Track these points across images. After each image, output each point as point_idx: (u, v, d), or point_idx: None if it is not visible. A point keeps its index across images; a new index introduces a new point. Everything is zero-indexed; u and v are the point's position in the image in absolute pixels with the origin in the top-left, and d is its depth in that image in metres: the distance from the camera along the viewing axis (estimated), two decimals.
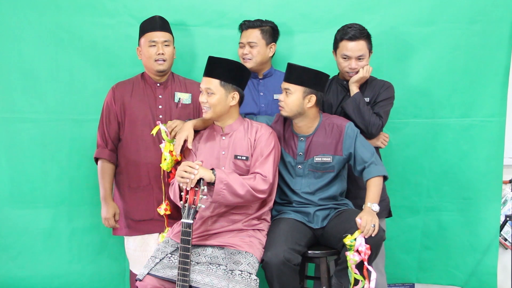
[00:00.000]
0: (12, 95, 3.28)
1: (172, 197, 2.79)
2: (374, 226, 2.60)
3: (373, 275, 2.60)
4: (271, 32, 3.19)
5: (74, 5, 3.24)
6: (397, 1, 3.31)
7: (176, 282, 2.52)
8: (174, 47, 3.10)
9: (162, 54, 3.02)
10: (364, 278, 2.62)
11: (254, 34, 3.14)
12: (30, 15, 3.23)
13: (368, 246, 2.58)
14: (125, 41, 3.20)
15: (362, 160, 2.81)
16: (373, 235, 2.60)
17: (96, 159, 3.12)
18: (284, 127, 2.96)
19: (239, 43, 3.20)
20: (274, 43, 3.21)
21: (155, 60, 3.03)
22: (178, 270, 2.51)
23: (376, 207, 2.70)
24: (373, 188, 2.76)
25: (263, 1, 3.34)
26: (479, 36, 3.30)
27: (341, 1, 3.33)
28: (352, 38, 2.94)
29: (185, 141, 2.81)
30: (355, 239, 2.60)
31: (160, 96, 3.11)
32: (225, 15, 3.32)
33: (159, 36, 3.03)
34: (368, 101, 3.05)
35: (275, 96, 3.21)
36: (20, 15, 3.22)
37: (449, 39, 3.31)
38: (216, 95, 2.72)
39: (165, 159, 2.85)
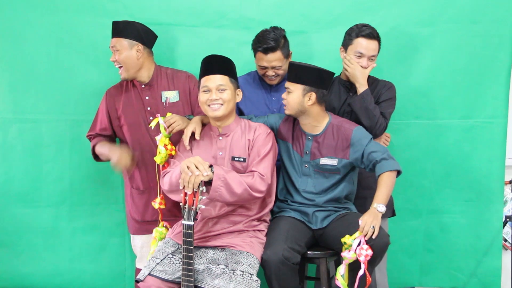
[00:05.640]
0: (12, 96, 3.31)
1: (166, 188, 2.72)
2: (373, 227, 2.58)
3: (360, 272, 2.57)
4: (287, 43, 3.08)
5: (74, 5, 3.26)
6: (398, 2, 3.28)
7: (181, 283, 2.52)
8: (136, 50, 3.00)
9: (114, 61, 3.02)
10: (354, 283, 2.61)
11: (276, 57, 3.03)
12: (30, 15, 3.25)
13: (368, 246, 2.56)
14: None
15: (373, 158, 2.77)
16: (373, 237, 2.58)
17: (93, 149, 3.12)
18: (294, 124, 2.95)
19: (260, 66, 3.07)
20: (291, 51, 3.13)
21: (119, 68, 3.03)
22: (182, 271, 2.52)
23: (382, 208, 2.66)
24: (383, 185, 2.71)
25: (263, 2, 3.31)
26: (480, 37, 3.26)
27: (342, 2, 3.30)
28: (369, 36, 2.91)
29: (193, 133, 2.82)
30: (354, 239, 2.59)
31: (147, 98, 3.09)
32: (225, 16, 3.31)
33: (112, 42, 3.02)
34: None
35: None
36: (20, 15, 3.24)
37: (450, 40, 3.28)
38: (228, 90, 2.73)
39: (159, 153, 2.85)
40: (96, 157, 3.13)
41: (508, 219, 3.69)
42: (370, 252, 2.55)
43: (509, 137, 3.43)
